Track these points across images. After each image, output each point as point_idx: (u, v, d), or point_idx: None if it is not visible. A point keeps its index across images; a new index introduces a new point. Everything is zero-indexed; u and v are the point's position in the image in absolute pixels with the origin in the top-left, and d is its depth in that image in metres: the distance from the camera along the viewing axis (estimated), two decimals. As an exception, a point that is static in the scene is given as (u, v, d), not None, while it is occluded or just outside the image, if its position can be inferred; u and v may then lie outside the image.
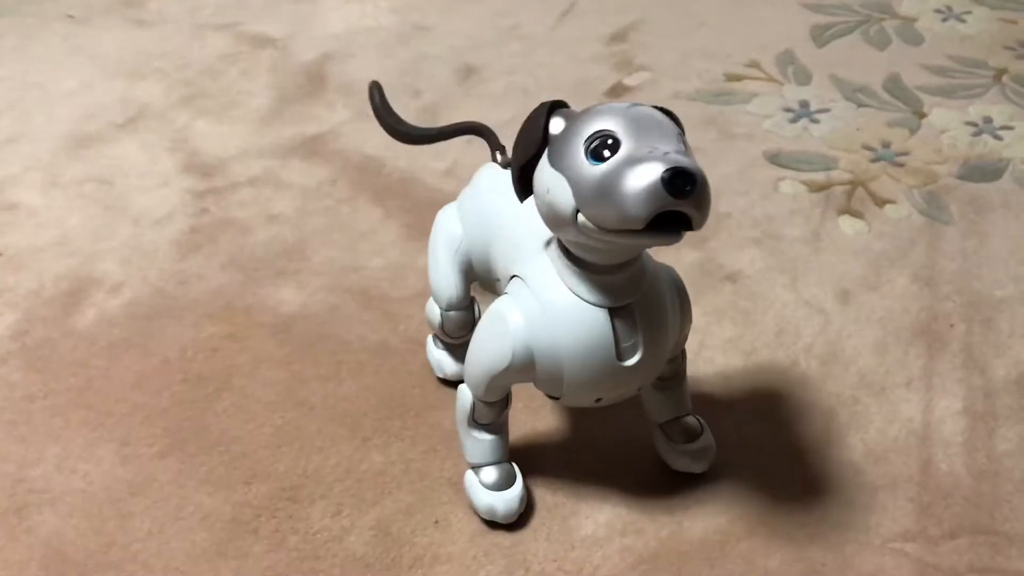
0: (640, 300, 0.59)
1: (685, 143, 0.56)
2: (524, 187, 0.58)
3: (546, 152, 0.56)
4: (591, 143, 0.54)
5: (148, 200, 0.95)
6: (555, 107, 0.57)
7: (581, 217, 0.54)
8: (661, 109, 0.57)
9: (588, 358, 0.59)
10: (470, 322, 0.71)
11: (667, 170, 0.51)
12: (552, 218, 0.57)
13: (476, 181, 0.69)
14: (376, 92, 0.74)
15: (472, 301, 0.71)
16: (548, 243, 0.60)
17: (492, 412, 0.65)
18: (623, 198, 0.52)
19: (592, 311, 0.58)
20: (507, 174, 0.65)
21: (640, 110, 0.55)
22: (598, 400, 0.62)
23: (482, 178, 0.69)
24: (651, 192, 0.51)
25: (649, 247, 0.58)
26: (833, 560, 0.64)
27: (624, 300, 0.58)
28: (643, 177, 0.51)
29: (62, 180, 0.98)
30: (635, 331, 0.59)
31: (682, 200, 0.51)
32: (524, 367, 0.60)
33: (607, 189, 0.52)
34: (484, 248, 0.67)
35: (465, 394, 0.65)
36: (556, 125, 0.57)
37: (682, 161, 0.52)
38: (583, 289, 0.58)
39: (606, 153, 0.53)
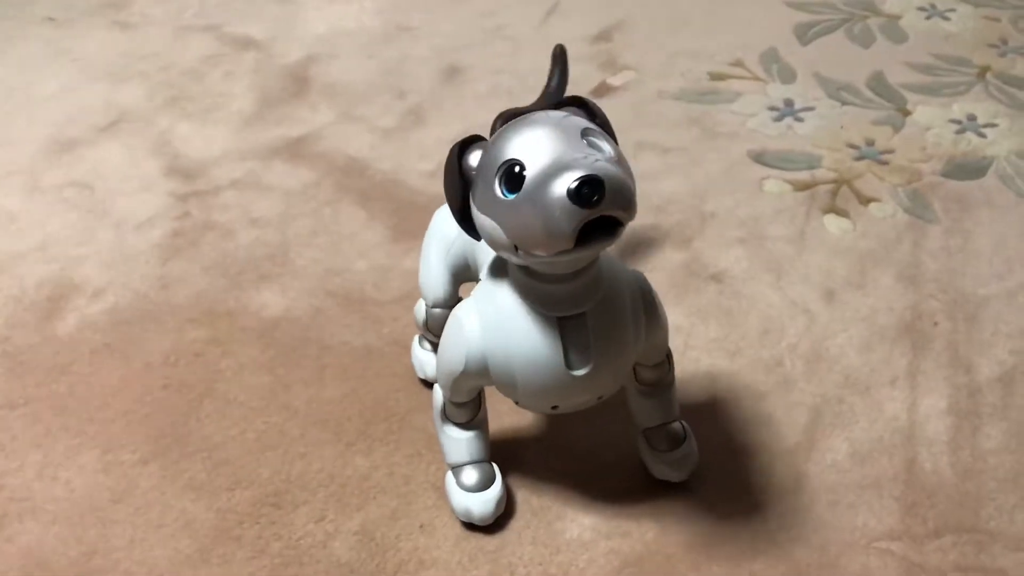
0: (594, 309, 0.58)
1: (598, 135, 0.55)
2: (472, 227, 0.58)
3: (471, 194, 0.56)
4: (500, 178, 0.53)
5: (130, 204, 0.94)
6: (467, 145, 0.57)
7: (518, 248, 0.54)
8: (574, 100, 0.57)
9: (538, 366, 0.58)
10: None
11: (572, 184, 0.50)
12: (498, 251, 0.57)
13: None
14: (562, 57, 0.70)
15: (459, 301, 0.71)
16: None
17: (464, 413, 0.65)
18: (543, 225, 0.51)
19: (541, 320, 0.58)
20: None
21: (538, 120, 0.54)
22: (555, 408, 0.62)
23: None
24: (564, 212, 0.51)
25: (592, 258, 0.57)
26: (818, 561, 0.64)
27: (575, 309, 0.58)
28: (552, 199, 0.51)
29: (43, 184, 0.97)
30: (587, 341, 0.58)
31: (598, 207, 0.51)
32: (479, 372, 0.60)
33: (527, 220, 0.52)
34: (473, 249, 0.66)
35: (438, 393, 0.65)
36: (474, 161, 0.56)
37: (587, 167, 0.51)
38: (533, 297, 0.58)
39: (515, 183, 0.53)
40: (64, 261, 0.88)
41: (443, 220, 0.69)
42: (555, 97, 0.67)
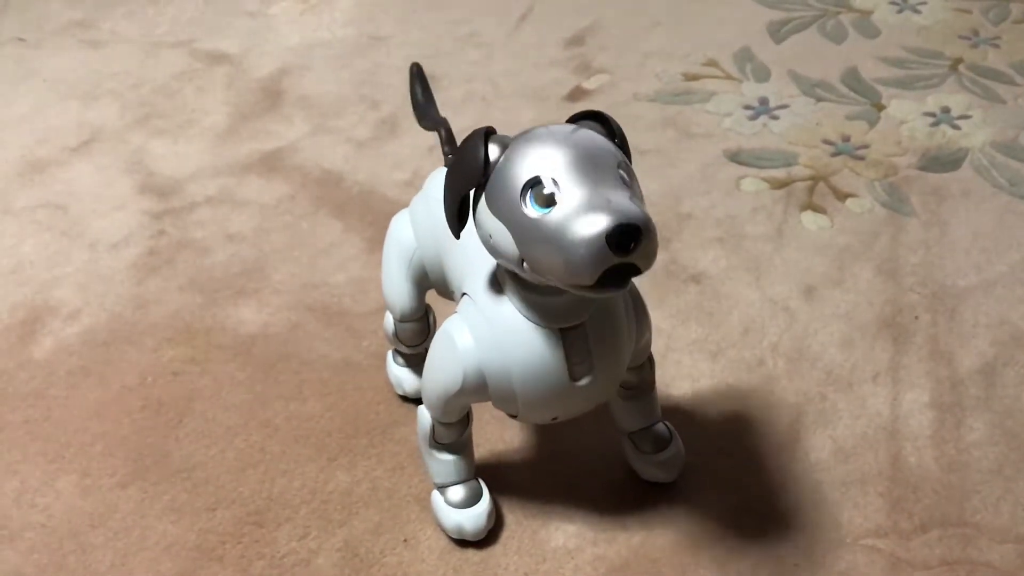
0: (592, 318, 0.57)
1: (627, 167, 0.53)
2: (460, 220, 0.55)
3: (484, 193, 0.54)
4: (529, 190, 0.51)
5: (104, 224, 0.93)
6: (489, 134, 0.54)
7: (527, 264, 0.53)
8: (599, 117, 0.55)
9: (540, 379, 0.57)
10: (425, 331, 0.70)
11: (612, 228, 0.49)
12: (497, 258, 0.55)
13: (427, 188, 0.67)
14: (417, 75, 0.71)
15: (427, 310, 0.71)
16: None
17: (453, 432, 0.64)
18: (566, 257, 0.50)
19: (542, 332, 0.56)
20: None
21: (578, 140, 0.52)
22: (555, 418, 0.61)
23: (433, 186, 0.67)
24: (594, 253, 0.49)
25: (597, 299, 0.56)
26: (806, 560, 0.64)
27: (575, 320, 0.57)
28: (585, 236, 0.49)
29: (15, 207, 0.96)
30: (587, 350, 0.57)
31: (630, 255, 0.50)
32: (477, 388, 0.59)
33: (550, 247, 0.51)
34: (437, 258, 0.65)
35: (424, 416, 0.64)
36: (493, 155, 0.53)
37: (627, 212, 0.49)
38: (531, 311, 0.56)
39: (545, 202, 0.51)
40: (38, 284, 0.87)
41: (400, 228, 0.68)
42: (425, 109, 0.68)
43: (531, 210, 0.51)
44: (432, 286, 0.68)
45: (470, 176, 0.54)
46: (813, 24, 1.20)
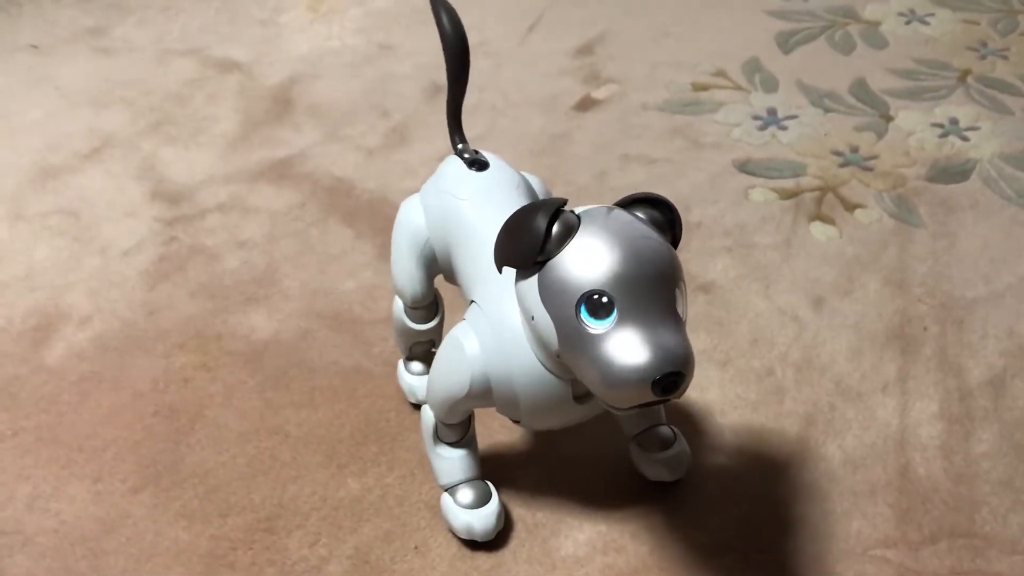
0: None
1: (683, 286, 0.53)
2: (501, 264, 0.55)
3: (537, 275, 0.52)
4: (583, 303, 0.50)
5: (115, 230, 0.94)
6: (559, 211, 0.52)
7: (562, 358, 0.53)
8: (660, 203, 0.54)
9: (544, 395, 0.58)
10: (434, 311, 0.71)
11: (660, 375, 0.49)
12: (532, 335, 0.55)
13: (440, 176, 0.67)
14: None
15: (436, 295, 0.71)
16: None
17: (456, 431, 0.65)
18: (607, 383, 0.50)
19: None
20: (472, 174, 0.64)
21: (645, 254, 0.51)
22: (557, 427, 0.62)
23: (446, 175, 0.66)
24: (638, 391, 0.49)
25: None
26: (815, 570, 0.64)
27: None
28: (633, 374, 0.49)
29: (27, 213, 0.97)
30: None
31: (667, 395, 0.50)
32: (482, 394, 0.59)
33: (594, 364, 0.50)
34: (446, 248, 0.65)
35: (428, 414, 0.65)
36: (555, 230, 0.52)
37: (677, 358, 0.49)
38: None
39: (598, 318, 0.50)
40: (50, 290, 0.87)
41: (411, 213, 0.67)
42: (453, 45, 0.67)
43: (584, 321, 0.51)
44: (441, 272, 0.67)
45: (524, 255, 0.53)
46: (821, 35, 1.20)
